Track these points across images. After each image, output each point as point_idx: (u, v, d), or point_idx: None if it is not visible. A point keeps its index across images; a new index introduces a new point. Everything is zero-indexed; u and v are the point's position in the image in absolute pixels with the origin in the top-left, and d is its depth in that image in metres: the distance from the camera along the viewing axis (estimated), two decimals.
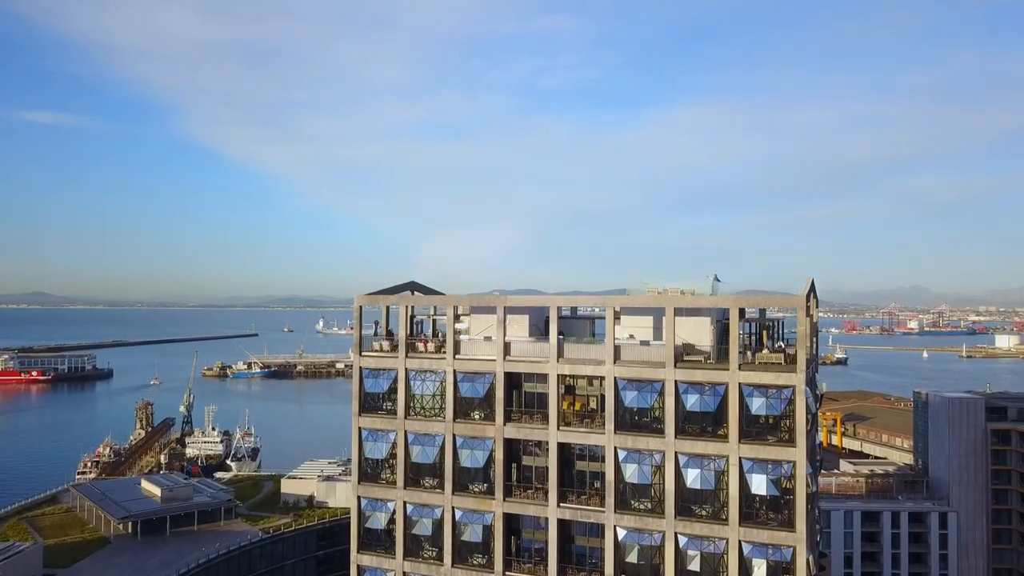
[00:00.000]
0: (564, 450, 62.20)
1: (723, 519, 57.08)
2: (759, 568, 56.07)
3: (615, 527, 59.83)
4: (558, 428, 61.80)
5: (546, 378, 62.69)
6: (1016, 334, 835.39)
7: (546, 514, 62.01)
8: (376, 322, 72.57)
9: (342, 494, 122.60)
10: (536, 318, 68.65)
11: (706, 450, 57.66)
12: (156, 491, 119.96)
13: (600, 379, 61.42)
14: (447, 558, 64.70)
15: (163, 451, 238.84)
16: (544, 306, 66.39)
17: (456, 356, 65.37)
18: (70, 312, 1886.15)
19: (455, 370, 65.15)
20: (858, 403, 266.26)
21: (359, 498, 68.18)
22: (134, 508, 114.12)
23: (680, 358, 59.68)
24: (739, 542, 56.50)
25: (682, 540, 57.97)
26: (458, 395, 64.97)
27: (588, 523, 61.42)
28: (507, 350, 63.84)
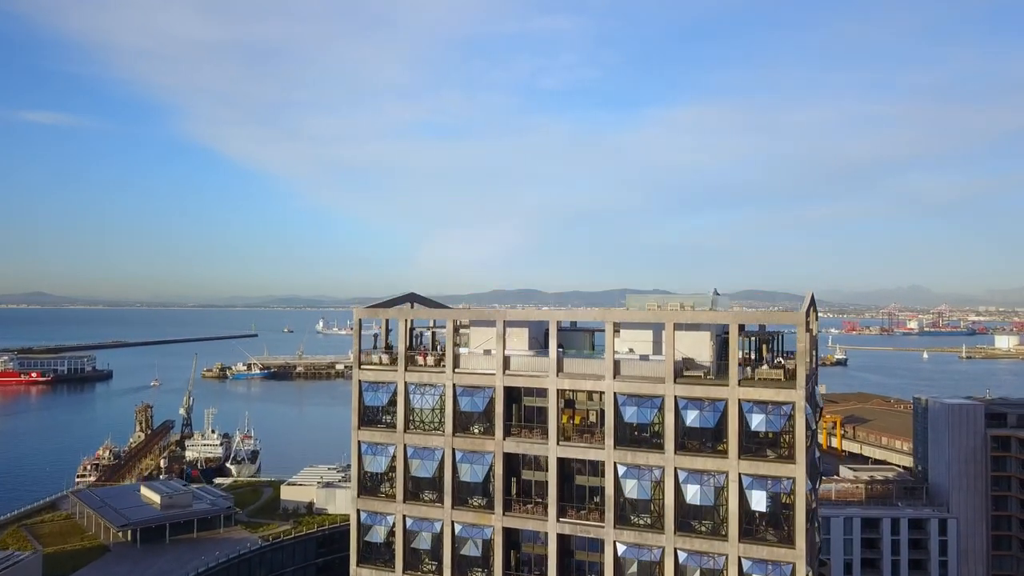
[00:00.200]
0: (564, 465, 62.19)
1: (723, 535, 57.09)
2: None
3: (615, 542, 59.85)
4: (558, 443, 61.80)
5: (546, 392, 62.70)
6: (1016, 334, 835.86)
7: (545, 529, 62.04)
8: (376, 335, 72.57)
9: (342, 501, 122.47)
10: (536, 330, 68.66)
11: (706, 466, 57.68)
12: (156, 498, 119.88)
13: (600, 393, 61.43)
14: (447, 572, 64.69)
15: (163, 454, 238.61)
16: (544, 320, 66.38)
17: (456, 370, 65.36)
18: (70, 312, 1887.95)
19: (455, 384, 65.14)
20: (858, 405, 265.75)
21: (359, 511, 68.22)
22: (133, 516, 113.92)
23: (680, 373, 59.65)
24: (739, 558, 56.53)
25: (681, 556, 58.00)
26: (457, 409, 64.95)
27: (588, 538, 61.44)
28: (506, 364, 63.82)
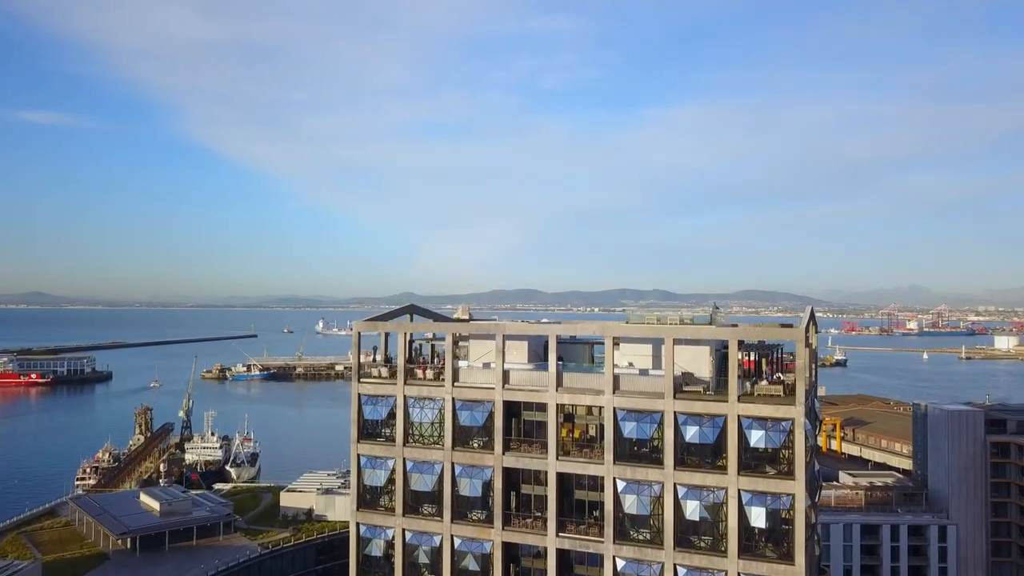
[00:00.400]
0: (563, 479, 62.12)
1: (722, 551, 57.05)
2: None
3: (614, 557, 59.80)
4: (557, 458, 61.76)
5: (545, 407, 62.65)
6: (1015, 335, 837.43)
7: (545, 543, 62.00)
8: (375, 347, 72.49)
9: (341, 507, 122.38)
10: (535, 343, 68.58)
11: (705, 482, 57.64)
12: (155, 505, 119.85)
13: (599, 408, 61.38)
14: None
15: (162, 457, 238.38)
16: (543, 334, 66.31)
17: (455, 384, 65.30)
18: (69, 312, 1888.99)
19: (454, 398, 65.09)
20: (857, 407, 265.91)
21: (358, 524, 68.17)
22: (133, 523, 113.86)
23: (679, 388, 59.60)
24: (738, 574, 56.46)
25: (681, 571, 57.95)
26: (457, 423, 64.89)
27: (587, 553, 61.41)
28: (506, 378, 63.77)
